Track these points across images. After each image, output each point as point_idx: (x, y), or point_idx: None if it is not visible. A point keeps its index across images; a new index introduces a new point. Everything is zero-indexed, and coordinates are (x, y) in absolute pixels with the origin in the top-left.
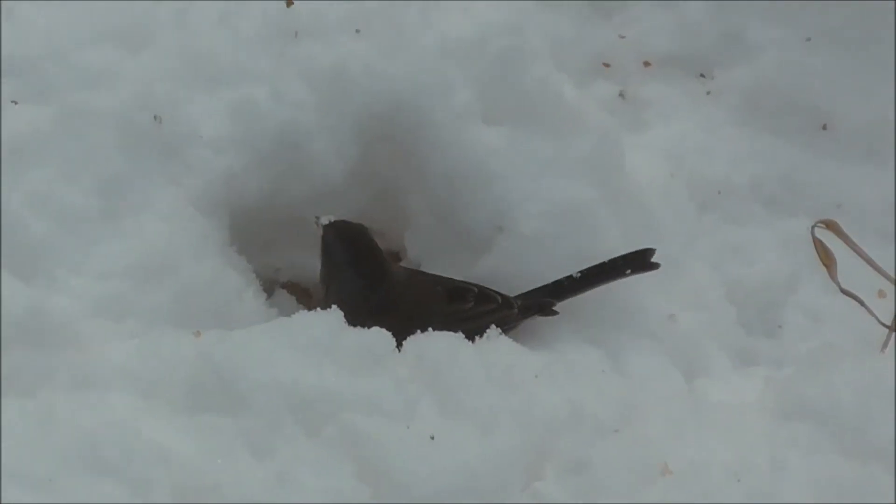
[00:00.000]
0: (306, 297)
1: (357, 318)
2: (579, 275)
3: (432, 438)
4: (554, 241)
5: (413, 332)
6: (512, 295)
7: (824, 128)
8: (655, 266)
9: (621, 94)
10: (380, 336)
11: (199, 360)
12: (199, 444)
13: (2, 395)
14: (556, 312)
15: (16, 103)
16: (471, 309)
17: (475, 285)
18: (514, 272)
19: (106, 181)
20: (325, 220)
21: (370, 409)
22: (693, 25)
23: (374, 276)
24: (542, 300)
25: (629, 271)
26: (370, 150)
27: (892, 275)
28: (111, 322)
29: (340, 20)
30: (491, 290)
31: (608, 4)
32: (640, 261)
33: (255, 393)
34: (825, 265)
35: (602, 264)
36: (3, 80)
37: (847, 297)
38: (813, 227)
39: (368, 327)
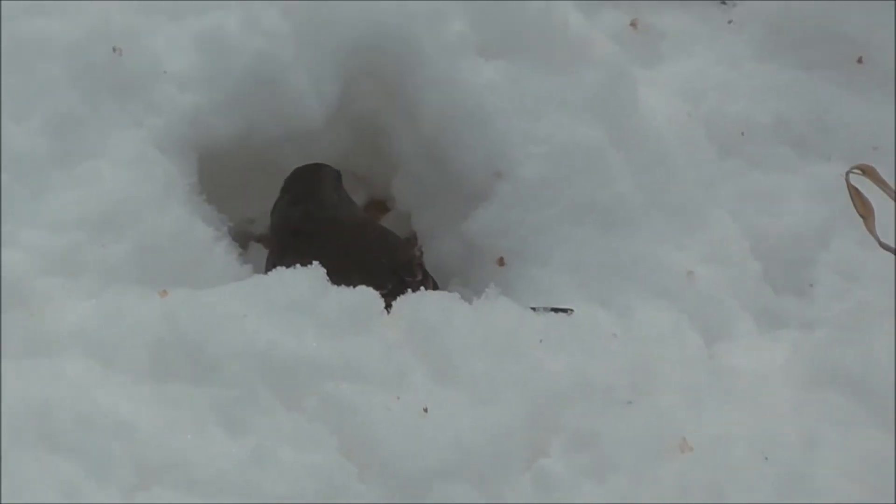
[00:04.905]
0: None
1: (281, 243)
2: None
3: (425, 410)
4: (558, 188)
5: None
6: None
7: (860, 61)
8: None
9: (633, 24)
10: (367, 296)
11: (165, 322)
12: (165, 416)
13: None
14: None
15: None
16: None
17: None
18: (514, 222)
19: (59, 121)
20: None
21: (356, 378)
22: None
23: (300, 195)
24: None
25: None
26: (353, 86)
27: None
28: (66, 279)
29: None
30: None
31: None
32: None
33: (227, 360)
34: (861, 216)
35: None
36: None
37: (885, 252)
38: (847, 173)
39: (288, 252)
